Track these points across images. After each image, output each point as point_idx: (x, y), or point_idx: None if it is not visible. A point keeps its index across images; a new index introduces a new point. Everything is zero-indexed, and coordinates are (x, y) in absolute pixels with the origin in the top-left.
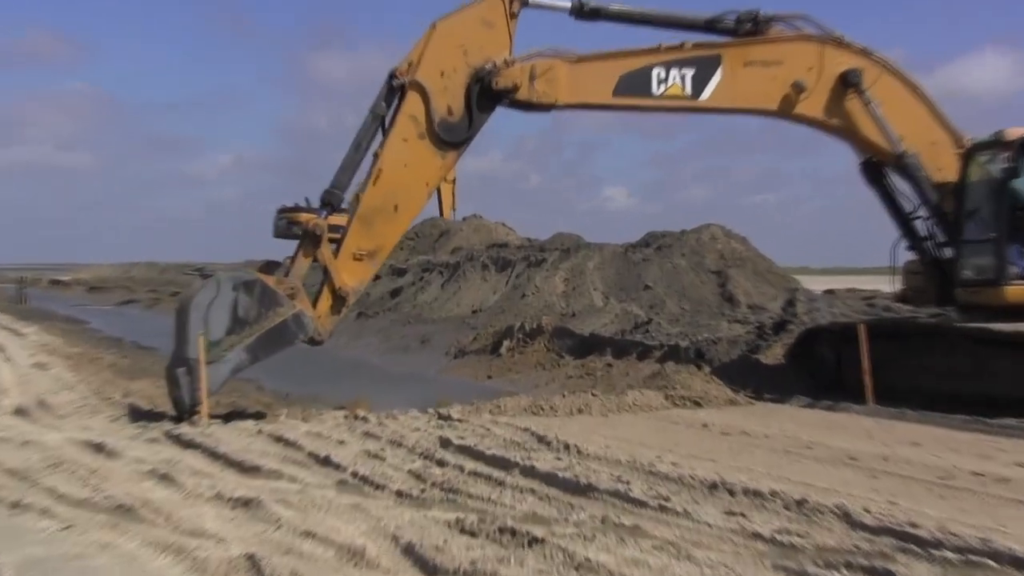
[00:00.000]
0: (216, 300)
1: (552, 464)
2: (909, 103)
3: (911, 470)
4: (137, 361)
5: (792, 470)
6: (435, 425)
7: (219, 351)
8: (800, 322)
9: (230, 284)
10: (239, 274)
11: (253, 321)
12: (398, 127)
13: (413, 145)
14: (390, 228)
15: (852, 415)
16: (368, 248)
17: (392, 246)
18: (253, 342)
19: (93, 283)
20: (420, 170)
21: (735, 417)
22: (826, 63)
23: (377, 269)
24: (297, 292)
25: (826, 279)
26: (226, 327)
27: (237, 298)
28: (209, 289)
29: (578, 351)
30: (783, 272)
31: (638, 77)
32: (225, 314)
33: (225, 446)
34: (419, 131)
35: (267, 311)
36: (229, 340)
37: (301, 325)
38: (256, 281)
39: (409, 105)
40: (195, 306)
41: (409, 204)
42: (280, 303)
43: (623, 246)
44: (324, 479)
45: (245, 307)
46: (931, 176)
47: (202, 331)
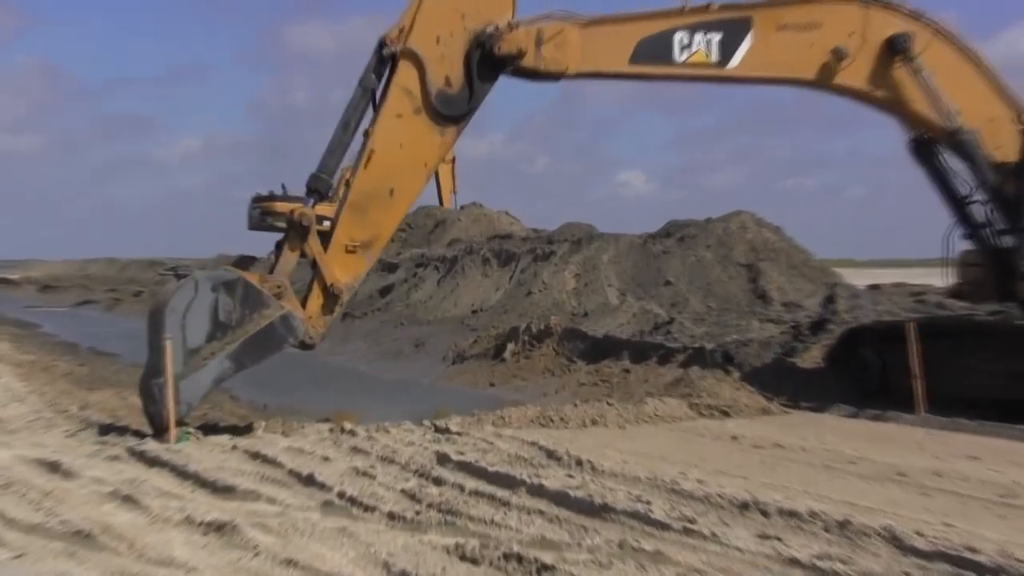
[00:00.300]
0: (194, 303)
1: (563, 482)
2: (965, 72)
3: (968, 487)
4: (96, 369)
5: (833, 487)
6: (431, 439)
7: (199, 360)
8: (841, 321)
9: (209, 284)
10: (219, 273)
11: (236, 325)
12: (391, 101)
13: (408, 121)
14: (386, 215)
15: (901, 425)
16: (362, 239)
17: (389, 236)
18: (237, 348)
19: (45, 282)
20: (417, 149)
21: (768, 428)
22: (870, 27)
23: (373, 262)
24: (284, 291)
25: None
26: (206, 332)
27: (217, 300)
28: (186, 291)
29: (591, 355)
30: (821, 265)
31: (659, 42)
32: (205, 318)
33: (196, 464)
34: (414, 105)
35: (251, 313)
36: (210, 347)
37: (290, 327)
38: (238, 280)
39: (402, 76)
40: (171, 310)
41: (406, 188)
42: (266, 304)
43: (641, 237)
44: (307, 500)
45: (227, 310)
46: (990, 155)
47: (176, 337)
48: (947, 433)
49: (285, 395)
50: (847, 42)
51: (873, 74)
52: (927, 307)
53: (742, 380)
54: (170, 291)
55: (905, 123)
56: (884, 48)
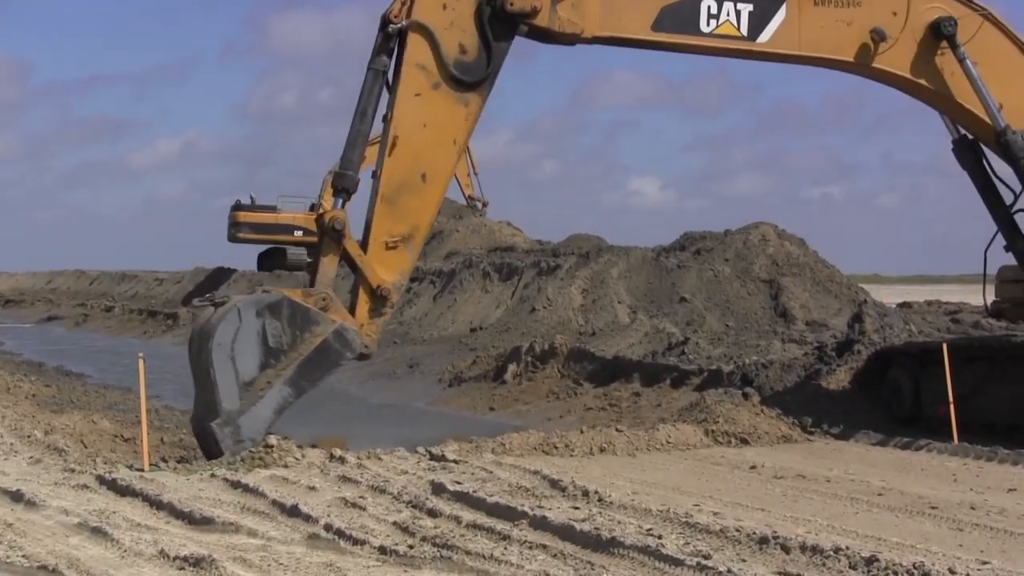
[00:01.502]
0: (240, 333)
1: (568, 514)
2: (1016, 65)
3: (1005, 522)
4: (63, 390)
5: (859, 521)
6: (426, 467)
7: (255, 392)
8: (869, 342)
9: (253, 310)
10: (260, 296)
11: (288, 348)
12: (406, 81)
13: (428, 99)
14: (421, 203)
15: (933, 454)
16: (401, 232)
17: (429, 224)
18: (293, 373)
19: (8, 295)
20: (442, 126)
21: (790, 457)
22: (914, 8)
23: (416, 256)
24: (330, 302)
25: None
26: (258, 362)
27: (264, 325)
28: (230, 321)
29: (599, 378)
30: (849, 281)
31: (684, 9)
32: (254, 347)
33: (170, 493)
34: (432, 81)
35: (302, 333)
36: (265, 376)
37: (345, 341)
38: (282, 300)
39: (413, 52)
40: (217, 345)
41: (438, 170)
42: (315, 321)
43: (654, 250)
44: (291, 533)
45: (275, 334)
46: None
47: (226, 372)
48: (983, 463)
49: None
50: (889, 23)
51: (916, 60)
52: (962, 327)
53: (762, 405)
54: (211, 323)
55: (950, 117)
56: (928, 32)
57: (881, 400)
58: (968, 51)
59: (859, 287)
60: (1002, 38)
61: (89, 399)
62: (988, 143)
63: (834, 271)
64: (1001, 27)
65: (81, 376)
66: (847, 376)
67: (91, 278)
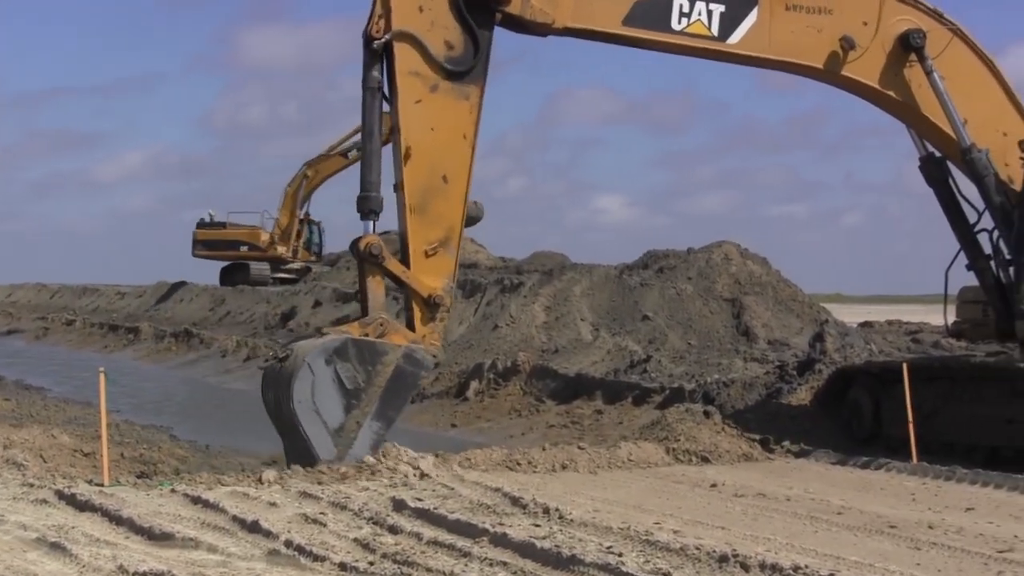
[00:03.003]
0: (317, 385)
1: (529, 531)
2: (983, 80)
3: (963, 541)
4: (22, 404)
5: (819, 540)
6: (387, 484)
7: (348, 436)
8: (830, 361)
9: (322, 359)
10: (323, 343)
11: (366, 385)
12: (403, 90)
13: (429, 102)
14: (449, 204)
15: (892, 473)
16: (438, 237)
17: (461, 222)
18: (378, 407)
19: None
20: (451, 125)
21: (750, 475)
22: (885, 19)
23: (457, 255)
24: (387, 325)
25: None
26: (342, 407)
27: (336, 370)
28: (303, 377)
29: (562, 395)
30: (810, 300)
31: (657, 6)
32: (334, 394)
33: (130, 508)
34: (429, 84)
35: (374, 367)
36: (353, 419)
37: (416, 362)
38: (345, 341)
39: (403, 61)
40: (299, 403)
41: (457, 168)
42: (382, 351)
43: (617, 268)
44: (251, 549)
45: (349, 375)
46: (1001, 174)
47: (315, 425)
48: (942, 482)
49: (228, 434)
50: (859, 32)
51: (884, 71)
52: (923, 347)
53: (723, 423)
54: (284, 381)
55: (917, 132)
56: (898, 44)
57: (841, 419)
58: (936, 65)
59: (821, 306)
60: (970, 55)
61: (49, 413)
62: (954, 160)
63: (796, 290)
64: (970, 44)
65: (41, 390)
66: (808, 395)
67: (52, 291)
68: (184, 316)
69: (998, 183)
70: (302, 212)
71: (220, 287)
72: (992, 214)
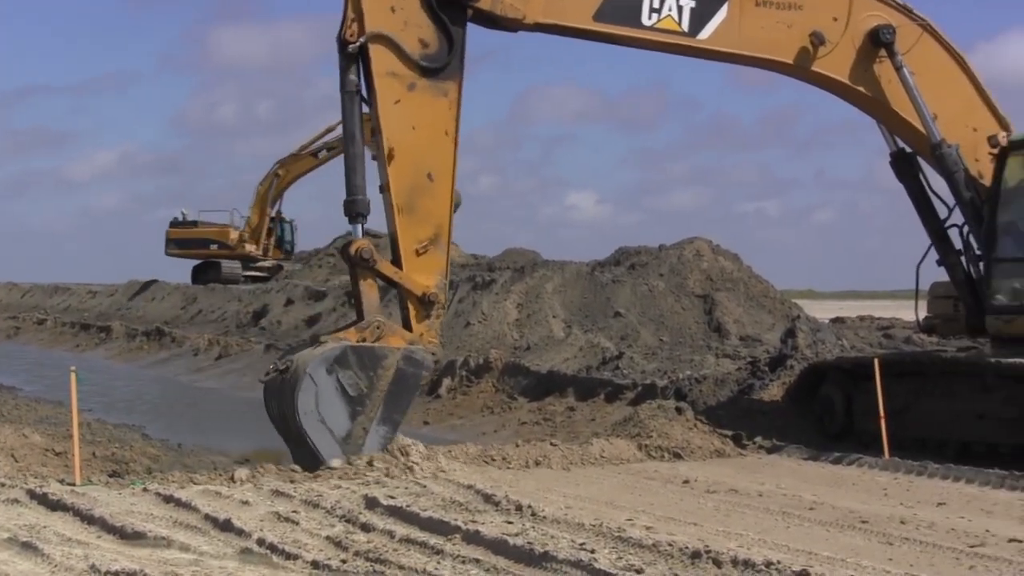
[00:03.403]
0: (320, 395)
1: (501, 529)
2: (953, 76)
3: (935, 536)
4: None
5: (791, 535)
6: (359, 482)
7: (355, 443)
8: (802, 357)
9: (322, 369)
10: (323, 353)
11: (369, 391)
12: (382, 92)
13: (409, 101)
14: (436, 201)
15: (864, 469)
16: (427, 235)
17: (449, 218)
18: (383, 411)
19: None
20: (431, 123)
21: (723, 471)
22: (855, 15)
23: (448, 251)
24: (384, 328)
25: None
26: (347, 414)
27: (339, 379)
28: (306, 388)
29: (534, 392)
30: (782, 296)
31: (627, 2)
32: (338, 403)
33: (102, 508)
34: (406, 83)
35: (374, 372)
36: (359, 425)
37: (415, 362)
38: (344, 349)
39: (379, 63)
40: (304, 415)
41: (441, 165)
42: (381, 355)
43: (589, 265)
44: (224, 547)
45: (351, 383)
46: (971, 169)
47: (323, 435)
48: (914, 478)
49: (200, 433)
50: (829, 27)
51: (854, 66)
52: (895, 342)
53: (695, 419)
54: (287, 395)
55: (887, 127)
56: (868, 39)
57: (813, 415)
58: (906, 61)
59: (792, 302)
60: (940, 50)
61: (20, 412)
62: (924, 155)
63: (768, 286)
64: (940, 39)
65: (12, 389)
66: (780, 391)
67: (23, 290)
68: (156, 315)
69: (968, 179)
70: (273, 210)
71: (192, 285)
72: (962, 210)
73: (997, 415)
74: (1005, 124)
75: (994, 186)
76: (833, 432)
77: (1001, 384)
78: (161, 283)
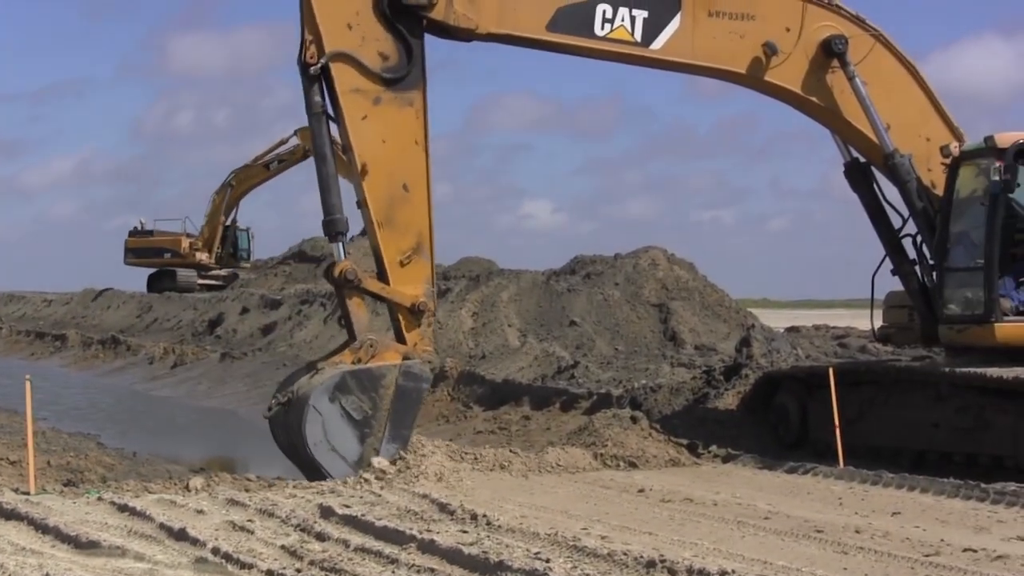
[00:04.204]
0: (327, 425)
1: (456, 538)
2: (905, 86)
3: (889, 545)
4: None
5: (746, 545)
6: (314, 491)
7: (367, 464)
8: (757, 366)
9: (325, 398)
10: (322, 383)
11: (373, 412)
12: (348, 109)
13: (375, 116)
14: (415, 210)
15: (819, 478)
16: (410, 245)
17: (429, 225)
18: (390, 430)
19: None
20: (400, 134)
21: (678, 480)
22: (807, 25)
23: (432, 257)
24: (377, 345)
25: (790, 314)
26: (357, 438)
27: (342, 405)
28: (312, 421)
29: (489, 401)
30: (737, 305)
31: (580, 12)
32: (346, 429)
33: (56, 517)
34: (371, 98)
35: (375, 392)
36: (369, 446)
37: (414, 376)
38: (342, 376)
39: (342, 81)
40: (314, 446)
41: (415, 175)
42: (379, 374)
43: (544, 273)
44: (178, 556)
45: (355, 407)
46: (924, 179)
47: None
48: (868, 487)
49: (155, 442)
50: (782, 38)
51: (807, 76)
52: (849, 351)
53: (651, 428)
54: (294, 428)
55: (841, 137)
56: (820, 50)
57: (768, 424)
58: (859, 71)
59: (747, 311)
60: (893, 60)
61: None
62: (877, 165)
63: (723, 295)
64: (892, 49)
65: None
66: (735, 400)
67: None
68: (111, 323)
69: (921, 188)
70: (228, 219)
71: (147, 294)
72: (915, 219)
73: (951, 424)
74: (958, 134)
75: (946, 196)
76: (788, 441)
77: (955, 393)
78: (116, 291)
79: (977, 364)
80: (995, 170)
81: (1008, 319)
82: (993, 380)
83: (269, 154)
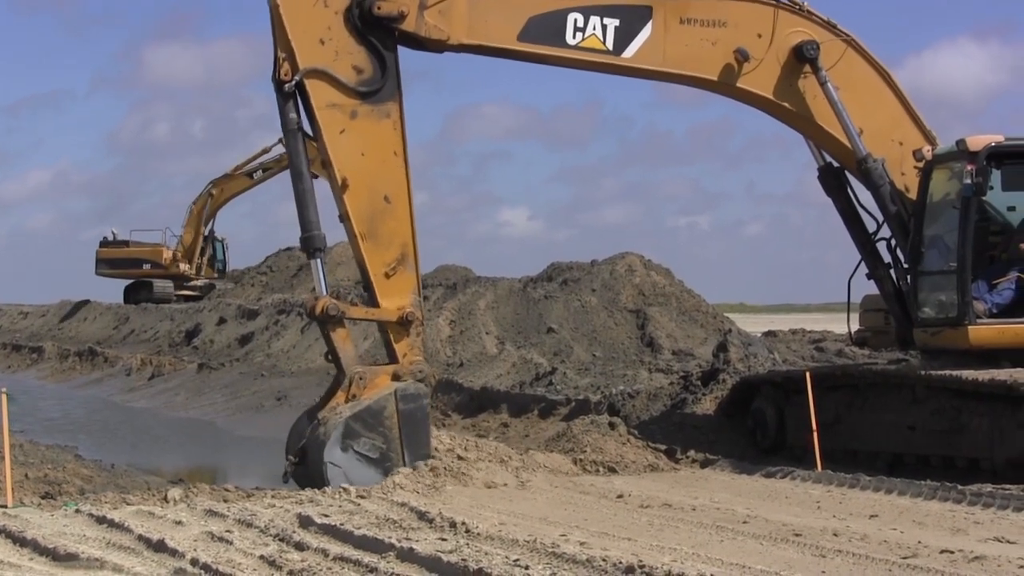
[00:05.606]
0: (348, 473)
1: (435, 546)
2: (877, 90)
3: (867, 548)
4: None
5: (725, 549)
6: (293, 500)
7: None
8: (734, 371)
9: (337, 451)
10: (330, 435)
11: (388, 445)
12: (325, 124)
13: (353, 129)
14: (397, 221)
15: (796, 482)
16: (394, 256)
17: (413, 235)
18: (409, 455)
19: None
20: (379, 146)
21: (656, 485)
22: (779, 31)
23: (417, 267)
24: (367, 376)
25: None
26: (381, 475)
27: (356, 451)
28: (334, 476)
29: (467, 408)
30: (714, 311)
31: (551, 21)
32: (369, 471)
33: (34, 529)
34: (348, 112)
35: (382, 426)
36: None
37: (412, 397)
38: (345, 424)
39: (318, 97)
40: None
41: (395, 186)
42: (380, 408)
43: (521, 280)
44: (157, 568)
45: (369, 447)
46: (897, 183)
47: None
48: (846, 490)
49: (133, 453)
50: (753, 44)
51: (779, 82)
52: (826, 355)
53: (629, 434)
54: (317, 483)
55: (813, 143)
56: (792, 55)
57: (746, 429)
58: (831, 76)
59: (724, 316)
60: (865, 65)
61: None
62: (851, 170)
63: (700, 300)
64: (864, 54)
65: None
66: (712, 405)
67: None
68: (88, 335)
69: (894, 192)
70: (206, 229)
71: (124, 305)
72: (889, 223)
73: (927, 427)
74: (931, 138)
75: (919, 200)
76: (766, 446)
77: (930, 396)
78: (93, 303)
79: (952, 367)
80: (967, 173)
81: (981, 322)
82: (968, 383)
83: (251, 163)
